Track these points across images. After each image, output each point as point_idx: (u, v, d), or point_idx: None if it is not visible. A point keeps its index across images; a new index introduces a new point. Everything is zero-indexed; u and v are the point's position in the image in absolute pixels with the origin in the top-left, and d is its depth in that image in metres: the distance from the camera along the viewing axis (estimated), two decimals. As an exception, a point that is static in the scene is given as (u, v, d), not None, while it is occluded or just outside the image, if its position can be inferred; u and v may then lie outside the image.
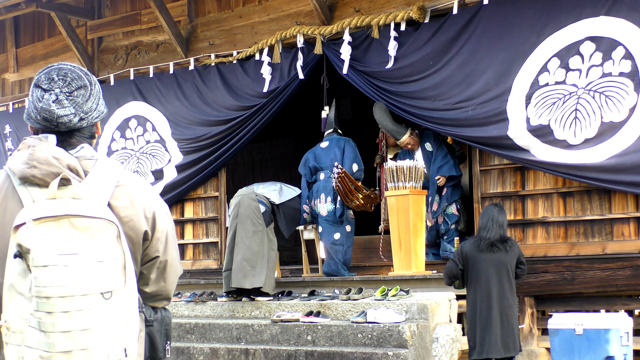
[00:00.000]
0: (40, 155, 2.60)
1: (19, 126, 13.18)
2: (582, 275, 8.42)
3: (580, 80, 8.19)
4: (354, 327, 8.12)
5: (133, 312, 2.57)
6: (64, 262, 2.43)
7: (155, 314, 2.91)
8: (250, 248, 9.21)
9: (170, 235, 2.87)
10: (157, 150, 11.45)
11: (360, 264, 10.43)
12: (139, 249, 2.74)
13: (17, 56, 13.75)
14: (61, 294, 2.43)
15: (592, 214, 8.44)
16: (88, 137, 2.79)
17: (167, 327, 2.95)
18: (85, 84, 2.75)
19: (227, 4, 11.33)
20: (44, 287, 2.42)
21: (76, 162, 2.65)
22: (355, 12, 9.93)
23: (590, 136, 8.10)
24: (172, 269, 2.90)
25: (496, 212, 7.47)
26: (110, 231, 2.51)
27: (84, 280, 2.44)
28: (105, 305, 2.47)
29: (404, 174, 9.18)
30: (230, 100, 10.78)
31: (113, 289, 2.49)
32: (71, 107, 2.71)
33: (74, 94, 2.72)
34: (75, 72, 2.75)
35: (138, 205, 2.73)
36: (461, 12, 9.03)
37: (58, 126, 2.70)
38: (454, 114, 8.96)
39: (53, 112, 2.68)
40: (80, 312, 2.44)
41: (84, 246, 2.46)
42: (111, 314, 2.49)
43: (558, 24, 8.34)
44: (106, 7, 12.60)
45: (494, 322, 7.31)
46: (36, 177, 2.59)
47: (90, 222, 2.49)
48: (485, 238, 7.38)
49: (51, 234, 2.45)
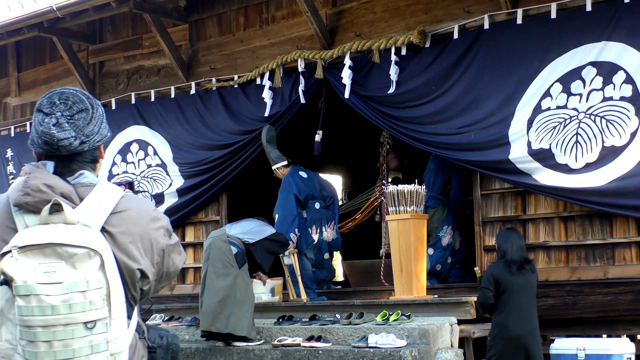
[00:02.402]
0: (33, 183, 2.61)
1: (20, 150, 13.19)
2: (583, 300, 8.39)
3: (581, 104, 8.20)
4: (356, 352, 8.08)
5: (122, 342, 2.56)
6: (46, 291, 2.44)
7: (160, 340, 2.91)
8: (222, 291, 8.91)
9: (169, 250, 2.81)
10: (158, 174, 11.46)
11: (362, 288, 10.40)
12: (136, 277, 2.68)
13: (19, 80, 13.79)
14: (42, 324, 2.44)
15: (594, 239, 8.43)
16: (90, 162, 2.79)
17: (174, 355, 2.95)
18: (86, 107, 2.74)
19: (228, 29, 11.37)
20: (26, 317, 2.44)
21: (70, 189, 2.65)
22: (356, 36, 9.97)
23: (592, 160, 8.10)
24: (170, 278, 2.87)
25: (516, 236, 7.57)
26: (94, 261, 2.49)
27: (65, 310, 2.44)
28: (88, 335, 2.47)
29: (405, 197, 9.16)
30: (231, 125, 10.80)
31: (96, 319, 2.48)
32: (71, 130, 2.70)
33: (75, 117, 2.71)
34: (77, 96, 2.74)
35: (135, 232, 2.69)
36: (462, 37, 9.06)
37: (59, 150, 2.70)
38: (457, 139, 8.97)
39: (53, 135, 2.68)
40: (62, 342, 2.45)
41: (67, 275, 2.46)
42: (95, 344, 2.48)
43: (560, 50, 8.36)
44: (108, 32, 12.65)
45: (524, 343, 7.34)
46: (29, 204, 2.60)
47: (74, 251, 2.48)
48: (513, 261, 7.42)
49: (35, 263, 2.47)
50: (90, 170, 2.77)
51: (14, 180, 12.98)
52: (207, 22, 11.56)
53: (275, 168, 10.24)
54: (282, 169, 10.21)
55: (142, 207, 2.77)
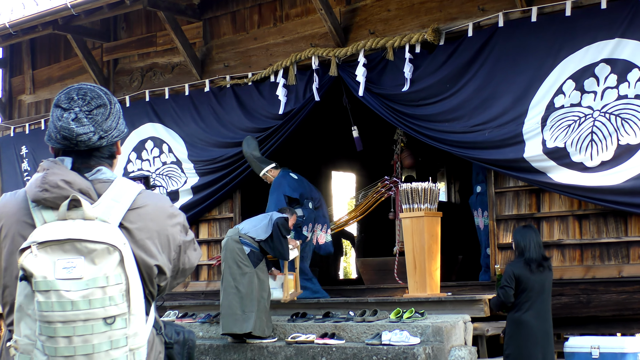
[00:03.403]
0: (51, 179, 2.62)
1: (35, 147, 13.25)
2: (598, 299, 8.38)
3: (596, 102, 8.19)
4: (369, 349, 8.09)
5: (141, 337, 2.56)
6: (66, 287, 2.44)
7: (177, 336, 2.91)
8: (239, 292, 8.98)
9: (185, 247, 2.83)
10: (173, 171, 11.49)
11: (375, 285, 10.41)
12: (154, 272, 2.70)
13: (34, 78, 13.85)
14: (62, 319, 2.44)
15: (608, 237, 8.41)
16: (107, 157, 2.79)
17: (190, 350, 2.95)
18: (104, 102, 2.74)
19: (242, 26, 11.39)
20: (46, 312, 2.44)
21: (89, 185, 2.65)
22: (370, 34, 9.97)
23: (607, 159, 8.09)
24: (186, 273, 2.87)
25: (534, 233, 7.56)
26: (113, 256, 2.49)
27: (85, 306, 2.44)
28: (107, 331, 2.47)
29: (419, 195, 9.17)
30: (246, 122, 10.82)
31: (116, 314, 2.48)
32: (90, 125, 2.69)
33: (93, 113, 2.71)
34: (95, 91, 2.74)
35: (152, 228, 2.70)
36: (476, 34, 9.05)
37: (78, 145, 2.69)
38: (471, 137, 8.96)
39: (72, 130, 2.67)
40: (82, 338, 2.45)
41: (86, 271, 2.46)
42: (115, 340, 2.48)
43: (573, 47, 8.35)
44: (122, 30, 12.68)
45: (542, 340, 7.36)
46: (47, 200, 2.60)
47: (94, 246, 2.48)
48: (533, 259, 7.43)
49: (54, 259, 2.47)
50: (107, 166, 2.77)
51: (29, 177, 13.04)
52: (221, 19, 11.58)
53: (265, 172, 10.32)
54: (271, 171, 10.30)
55: (159, 204, 2.77)
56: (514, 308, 7.47)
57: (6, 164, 13.74)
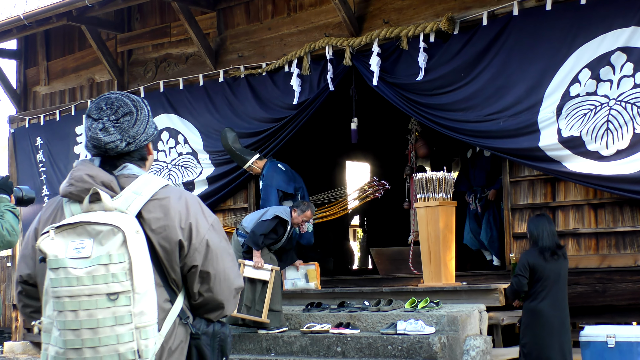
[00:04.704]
0: (77, 174, 2.86)
1: (49, 138, 13.29)
2: (613, 288, 8.36)
3: (612, 91, 8.15)
4: (384, 338, 8.10)
5: (148, 317, 2.69)
6: (73, 264, 2.65)
7: (206, 327, 2.96)
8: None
9: (214, 246, 2.91)
10: (189, 162, 11.52)
11: (390, 275, 10.41)
12: (174, 258, 2.84)
13: (48, 69, 13.88)
14: (69, 294, 2.65)
15: (624, 226, 8.39)
16: (138, 160, 2.98)
17: (222, 343, 2.99)
18: (131, 110, 2.93)
19: (256, 16, 11.38)
20: (55, 288, 2.67)
21: (111, 179, 2.85)
22: (384, 23, 9.94)
23: (623, 147, 8.06)
24: (219, 280, 2.92)
25: (547, 222, 7.55)
26: (117, 237, 2.67)
27: (89, 281, 2.64)
28: (111, 307, 2.63)
29: (434, 185, 9.16)
30: (260, 113, 10.82)
31: (118, 291, 2.64)
32: (117, 133, 2.89)
33: (120, 121, 2.90)
34: (122, 100, 2.93)
35: (173, 216, 2.84)
36: (491, 23, 9.02)
37: (107, 152, 2.90)
38: (486, 126, 8.95)
39: (100, 139, 2.88)
40: (87, 312, 2.63)
41: (94, 251, 2.66)
42: (119, 316, 2.64)
43: (588, 35, 8.31)
44: (136, 20, 12.70)
45: (558, 329, 7.36)
46: (73, 193, 2.84)
47: (100, 228, 2.68)
48: (546, 248, 7.42)
49: (68, 241, 2.70)
50: (138, 166, 2.96)
51: (44, 168, 13.07)
52: (235, 10, 11.58)
53: (250, 164, 10.35)
54: (257, 162, 10.37)
55: (183, 196, 2.93)
56: (529, 297, 7.46)
57: (21, 155, 13.79)
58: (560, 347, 7.35)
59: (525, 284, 7.42)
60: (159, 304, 2.77)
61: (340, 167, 15.71)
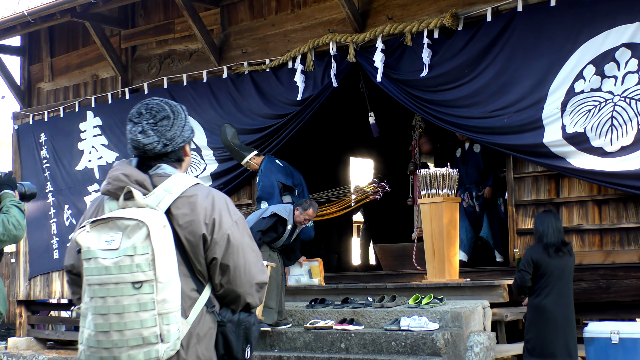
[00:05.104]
0: (114, 174, 3.17)
1: (53, 134, 13.30)
2: (617, 284, 8.35)
3: (616, 87, 8.14)
4: (388, 334, 8.11)
5: (171, 304, 2.98)
6: (103, 255, 2.97)
7: (232, 316, 3.23)
8: None
9: (235, 241, 3.18)
10: (192, 158, 11.49)
11: (394, 271, 10.41)
12: (199, 251, 3.14)
13: (52, 65, 13.89)
14: (98, 282, 2.97)
15: (628, 222, 8.38)
16: (175, 161, 3.29)
17: (247, 331, 3.25)
18: (168, 114, 3.23)
19: (260, 13, 11.37)
20: (88, 276, 3.01)
21: (145, 178, 3.16)
22: (388, 19, 9.93)
23: (627, 144, 8.04)
24: (240, 273, 3.19)
25: (553, 218, 7.54)
26: (142, 231, 2.97)
27: (116, 270, 2.95)
28: (136, 294, 2.94)
29: (437, 181, 9.15)
30: (264, 109, 10.82)
31: (142, 280, 2.94)
32: (155, 136, 3.19)
33: (158, 125, 3.21)
34: (160, 105, 3.24)
35: (199, 212, 3.13)
36: (495, 19, 9.00)
37: (145, 152, 3.21)
38: (490, 122, 8.94)
39: (139, 141, 3.19)
40: (114, 299, 2.95)
41: (121, 243, 2.97)
42: (143, 303, 2.94)
43: (593, 31, 8.29)
44: (140, 17, 12.70)
45: (563, 325, 7.36)
46: (110, 191, 3.17)
47: (128, 223, 3.00)
48: (551, 244, 7.41)
49: (101, 234, 3.02)
50: (174, 167, 3.26)
51: (48, 164, 13.07)
52: (238, 6, 11.57)
53: (248, 160, 10.35)
54: (254, 158, 10.37)
55: (211, 194, 3.21)
56: (534, 293, 7.46)
57: (25, 151, 13.80)
58: (565, 343, 7.35)
59: (528, 280, 7.42)
60: (186, 293, 3.08)
61: (344, 163, 15.70)
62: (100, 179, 12.62)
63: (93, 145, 12.77)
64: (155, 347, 2.96)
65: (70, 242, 3.31)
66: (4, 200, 5.59)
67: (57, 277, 13.36)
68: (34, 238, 13.44)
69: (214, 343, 3.18)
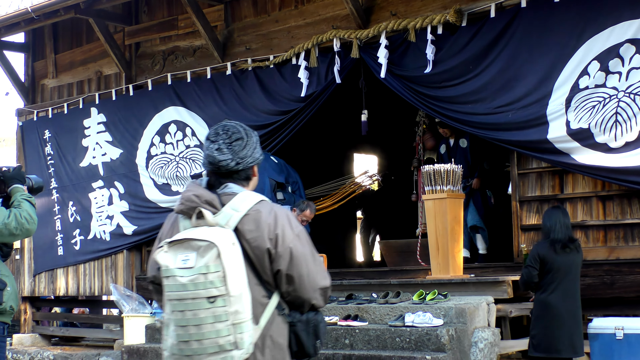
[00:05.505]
0: (186, 195, 3.52)
1: (57, 131, 13.31)
2: (622, 280, 8.35)
3: (621, 83, 8.13)
4: (392, 330, 8.11)
5: (243, 315, 3.31)
6: (180, 273, 3.32)
7: (301, 316, 3.56)
8: None
9: (298, 253, 3.49)
10: (196, 155, 11.52)
11: (398, 267, 10.41)
12: (265, 263, 3.46)
13: (56, 62, 13.90)
14: (178, 298, 3.32)
15: (632, 218, 8.38)
16: (244, 179, 3.62)
17: (316, 328, 3.58)
18: (242, 136, 3.59)
19: (264, 9, 11.37)
20: (168, 292, 3.37)
21: (214, 197, 3.49)
22: (392, 15, 9.92)
23: (631, 139, 8.03)
24: (304, 282, 3.50)
25: (561, 214, 7.55)
26: (213, 251, 3.30)
27: (192, 287, 3.29)
28: (211, 307, 3.27)
29: (442, 177, 9.16)
30: (268, 105, 10.81)
31: (216, 295, 3.27)
32: (229, 153, 3.55)
33: (233, 144, 3.55)
34: (236, 127, 3.60)
35: (263, 228, 3.45)
36: (499, 15, 8.99)
37: (219, 168, 3.56)
38: (494, 118, 8.93)
39: (215, 157, 3.55)
40: (192, 312, 3.29)
41: (196, 262, 3.31)
42: (217, 315, 3.28)
43: (597, 27, 8.28)
44: (143, 13, 12.70)
45: (568, 321, 7.37)
46: (183, 211, 3.52)
47: (200, 244, 3.33)
48: (557, 240, 7.42)
49: (177, 254, 3.36)
50: (241, 185, 3.59)
51: (52, 160, 13.06)
52: (242, 2, 11.56)
53: None
54: None
55: (274, 211, 3.51)
56: (540, 289, 7.47)
57: (29, 148, 13.81)
58: (570, 339, 7.36)
59: (535, 275, 7.43)
60: (258, 300, 3.42)
61: (348, 159, 15.70)
62: (104, 176, 12.63)
63: (97, 141, 12.78)
64: (230, 354, 3.30)
65: (150, 258, 3.67)
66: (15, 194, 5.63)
67: (62, 273, 13.38)
68: (38, 234, 13.44)
69: (286, 342, 3.52)
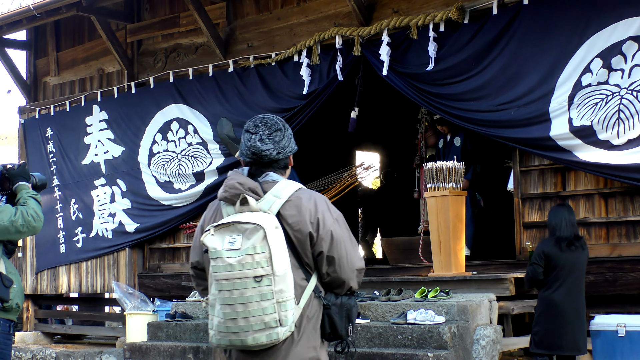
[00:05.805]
0: (230, 183, 3.75)
1: (60, 129, 13.31)
2: (624, 277, 8.35)
3: (623, 80, 8.12)
4: (394, 328, 8.11)
5: (287, 293, 3.54)
6: (228, 255, 3.55)
7: (335, 299, 3.78)
8: None
9: (337, 236, 3.72)
10: (199, 152, 11.51)
11: (400, 265, 10.41)
12: (306, 246, 3.69)
13: (58, 60, 13.90)
14: (225, 277, 3.54)
15: (635, 215, 8.37)
16: (282, 168, 3.87)
17: (349, 312, 3.80)
18: (280, 128, 3.84)
19: (266, 6, 11.37)
20: (215, 273, 3.58)
21: (256, 185, 3.72)
22: (394, 12, 9.92)
23: (634, 137, 8.02)
24: (342, 263, 3.73)
25: (566, 211, 7.56)
26: (259, 233, 3.53)
27: (240, 267, 3.51)
28: (257, 286, 3.50)
29: (444, 174, 9.15)
30: (270, 103, 10.81)
31: (262, 275, 3.50)
32: (270, 143, 3.78)
33: (273, 135, 3.79)
34: (273, 120, 3.84)
35: (304, 213, 3.68)
36: (501, 12, 8.98)
37: (262, 158, 3.79)
38: (497, 116, 8.92)
39: (258, 147, 3.77)
40: (239, 291, 3.52)
41: (243, 244, 3.54)
42: (263, 293, 3.50)
43: (600, 24, 8.27)
44: (145, 11, 12.70)
45: (572, 319, 7.38)
46: (227, 198, 3.74)
47: (247, 226, 3.56)
48: (563, 238, 7.43)
49: (224, 236, 3.59)
50: (280, 173, 3.83)
51: (54, 158, 13.04)
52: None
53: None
54: None
55: (313, 197, 3.75)
56: (544, 286, 7.48)
57: (31, 145, 13.82)
58: (573, 336, 7.36)
59: (540, 273, 7.43)
60: (297, 282, 3.64)
61: (350, 157, 15.69)
62: (106, 173, 12.64)
63: (99, 139, 12.79)
64: (275, 330, 3.52)
65: (194, 242, 3.94)
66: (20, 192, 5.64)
67: (64, 271, 13.39)
68: (41, 232, 13.24)
69: (320, 323, 3.74)
